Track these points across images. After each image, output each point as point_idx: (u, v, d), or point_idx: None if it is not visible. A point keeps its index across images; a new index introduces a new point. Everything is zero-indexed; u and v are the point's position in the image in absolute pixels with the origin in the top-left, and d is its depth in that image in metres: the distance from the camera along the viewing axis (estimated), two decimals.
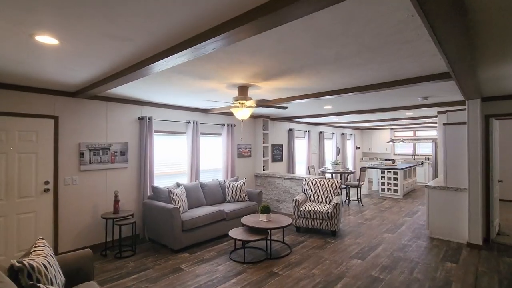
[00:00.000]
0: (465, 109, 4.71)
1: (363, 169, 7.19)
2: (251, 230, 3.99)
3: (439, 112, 6.21)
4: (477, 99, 4.15)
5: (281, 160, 7.91)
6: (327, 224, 4.74)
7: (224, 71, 2.86)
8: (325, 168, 8.11)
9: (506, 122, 7.37)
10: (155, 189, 4.47)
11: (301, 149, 9.04)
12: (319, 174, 9.24)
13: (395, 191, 8.37)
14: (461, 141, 4.45)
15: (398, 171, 8.28)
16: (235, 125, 6.48)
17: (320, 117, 6.72)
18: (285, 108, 3.72)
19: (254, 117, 7.07)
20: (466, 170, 4.35)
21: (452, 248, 4.20)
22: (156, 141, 5.06)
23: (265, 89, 3.77)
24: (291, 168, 8.09)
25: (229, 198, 5.34)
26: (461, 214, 4.43)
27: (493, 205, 4.46)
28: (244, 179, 5.57)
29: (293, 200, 5.00)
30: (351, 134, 11.97)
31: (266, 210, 4.09)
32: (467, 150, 4.24)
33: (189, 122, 5.45)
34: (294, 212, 4.99)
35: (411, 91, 3.95)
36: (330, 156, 10.70)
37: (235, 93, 3.88)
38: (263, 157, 7.12)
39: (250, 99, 3.55)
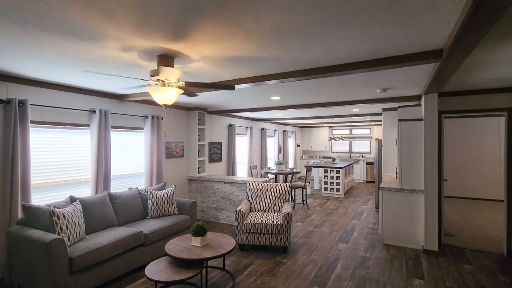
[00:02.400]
0: (416, 105, 4.43)
1: (309, 169, 6.67)
2: (180, 261, 2.85)
3: (384, 109, 6.02)
4: (435, 93, 3.83)
5: (219, 160, 6.85)
6: (277, 239, 3.90)
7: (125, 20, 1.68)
8: (268, 168, 7.39)
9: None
10: (28, 210, 2.91)
11: (243, 147, 8.14)
12: (262, 176, 8.49)
13: (337, 190, 8.17)
14: (417, 138, 4.12)
15: (340, 169, 8.10)
16: (162, 118, 5.15)
17: (265, 110, 5.90)
18: (232, 88, 2.68)
19: (187, 108, 5.84)
20: (422, 170, 4.03)
21: (410, 257, 3.81)
22: (36, 137, 3.45)
23: (198, 66, 2.68)
24: (231, 169, 7.11)
25: (152, 212, 4.05)
26: (416, 218, 4.10)
27: (443, 206, 4.27)
28: (173, 186, 4.35)
29: (236, 211, 4.02)
30: (292, 132, 11.64)
31: (200, 231, 3.00)
32: (424, 149, 3.90)
33: (93, 111, 3.95)
34: (237, 227, 4.01)
35: (375, 79, 3.36)
36: (272, 154, 10.10)
37: (155, 66, 2.67)
38: (199, 157, 5.96)
39: (178, 76, 2.41)
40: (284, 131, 10.81)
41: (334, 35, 1.96)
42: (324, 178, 8.38)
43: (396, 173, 4.99)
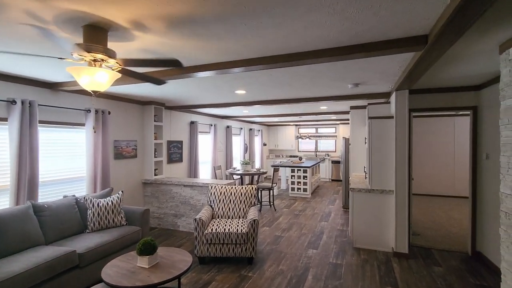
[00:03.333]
0: (384, 103, 4.30)
1: (276, 169, 6.35)
2: None
3: (352, 107, 5.90)
4: (406, 90, 3.69)
5: (180, 160, 6.25)
6: (241, 250, 3.48)
7: None
8: (234, 168, 6.94)
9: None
10: None
11: (206, 146, 7.59)
12: (227, 177, 8.02)
13: (305, 190, 8.00)
14: (387, 137, 3.96)
15: (308, 168, 7.93)
16: (109, 112, 4.44)
17: (230, 106, 5.44)
18: (178, 64, 2.18)
19: (142, 102, 5.16)
20: (393, 169, 3.89)
21: (382, 261, 3.63)
22: None
23: (140, 45, 2.14)
24: (193, 170, 6.53)
25: (92, 225, 3.38)
26: (387, 219, 3.96)
27: (411, 205, 4.19)
28: (120, 192, 3.71)
29: (195, 220, 3.51)
30: (259, 130, 11.31)
31: (147, 249, 2.46)
32: (395, 148, 3.75)
33: (13, 102, 3.17)
34: (196, 237, 3.51)
35: (349, 72, 3.09)
36: (238, 154, 9.67)
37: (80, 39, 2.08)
38: (156, 157, 5.31)
39: (113, 54, 1.86)
40: (251, 129, 10.44)
41: (314, 4, 1.57)
42: (291, 178, 8.16)
43: (365, 172, 4.86)
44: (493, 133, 3.42)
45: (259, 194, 6.51)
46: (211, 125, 7.58)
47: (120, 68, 2.02)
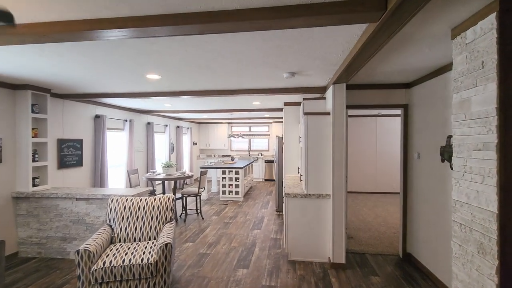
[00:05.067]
0: (320, 98, 3.95)
1: (203, 172, 5.53)
2: None
3: (286, 104, 5.51)
4: (343, 83, 3.35)
5: (79, 164, 4.88)
6: (148, 286, 2.59)
7: None
8: (154, 172, 5.85)
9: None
10: None
11: (120, 146, 6.27)
12: (148, 183, 6.81)
13: (237, 192, 7.38)
14: (324, 135, 3.59)
15: (240, 170, 7.34)
16: None
17: (145, 97, 4.39)
18: (9, 19, 1.22)
19: (11, 85, 3.71)
20: (330, 171, 3.52)
21: (319, 276, 3.21)
22: None
23: None
24: (98, 177, 5.21)
25: None
26: (323, 226, 3.58)
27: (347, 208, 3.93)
28: None
29: (77, 252, 2.47)
30: (188, 128, 10.26)
31: None
32: (332, 147, 3.38)
33: None
34: (79, 277, 2.47)
35: (285, 54, 2.52)
36: (163, 155, 8.48)
37: None
38: (35, 161, 3.91)
39: None
40: (178, 126, 9.33)
41: None
42: (223, 180, 7.45)
43: (300, 174, 4.46)
44: (423, 132, 3.33)
45: (184, 201, 5.59)
46: (126, 120, 6.29)
47: None
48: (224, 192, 7.43)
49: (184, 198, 5.55)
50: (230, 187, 7.43)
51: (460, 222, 1.81)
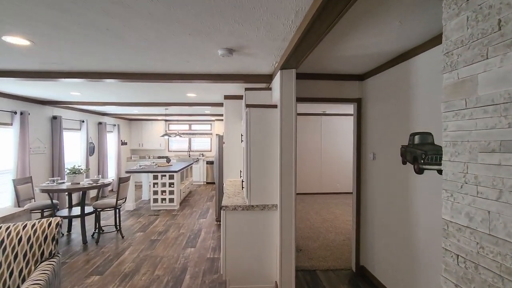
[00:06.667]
0: (265, 89, 3.29)
1: (123, 179, 4.42)
2: None
3: (226, 97, 4.74)
4: (293, 69, 2.73)
5: None
6: None
7: None
8: (54, 180, 4.48)
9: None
10: None
11: (5, 146, 4.71)
12: (51, 195, 5.29)
13: (171, 200, 6.35)
14: (270, 132, 2.93)
15: (175, 173, 6.32)
16: None
17: (10, 76, 3.11)
18: None
19: None
20: (277, 176, 2.88)
21: None
22: None
23: None
24: None
25: None
26: (269, 244, 2.92)
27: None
28: None
29: None
30: (115, 125, 8.74)
31: None
32: (280, 147, 2.74)
33: None
34: None
35: (217, 21, 1.75)
36: (79, 157, 6.92)
37: None
38: None
39: None
40: (100, 123, 7.80)
41: None
42: (154, 186, 6.33)
43: (242, 181, 3.75)
44: (379, 130, 2.92)
45: (97, 216, 4.39)
46: (15, 112, 4.75)
47: None
48: (155, 200, 6.32)
49: (97, 213, 4.35)
50: (164, 194, 6.36)
51: (457, 253, 1.29)
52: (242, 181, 3.68)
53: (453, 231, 1.31)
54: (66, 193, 5.04)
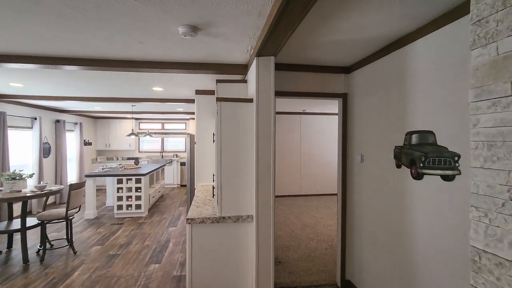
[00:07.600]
0: (240, 81, 2.86)
1: (74, 186, 3.79)
2: None
3: (197, 92, 4.25)
4: (271, 57, 2.32)
5: None
6: None
7: None
8: None
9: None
10: None
11: None
12: None
13: (138, 206, 5.74)
14: (244, 131, 2.49)
15: (142, 177, 5.72)
16: None
17: None
18: None
19: None
20: (252, 182, 2.46)
21: None
22: None
23: None
24: None
25: None
26: (243, 261, 2.49)
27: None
28: None
29: None
30: (76, 123, 7.90)
31: None
32: (256, 148, 2.32)
33: None
34: None
35: None
36: (30, 160, 6.08)
37: None
38: None
39: None
40: (58, 121, 6.97)
41: None
42: (118, 192, 5.68)
43: (213, 187, 3.29)
44: (369, 128, 2.59)
45: (43, 230, 3.73)
46: None
47: None
48: (120, 207, 5.68)
49: (43, 226, 3.70)
50: (129, 200, 5.73)
51: None
52: (213, 188, 3.22)
53: (490, 266, 0.95)
54: (5, 202, 4.29)
